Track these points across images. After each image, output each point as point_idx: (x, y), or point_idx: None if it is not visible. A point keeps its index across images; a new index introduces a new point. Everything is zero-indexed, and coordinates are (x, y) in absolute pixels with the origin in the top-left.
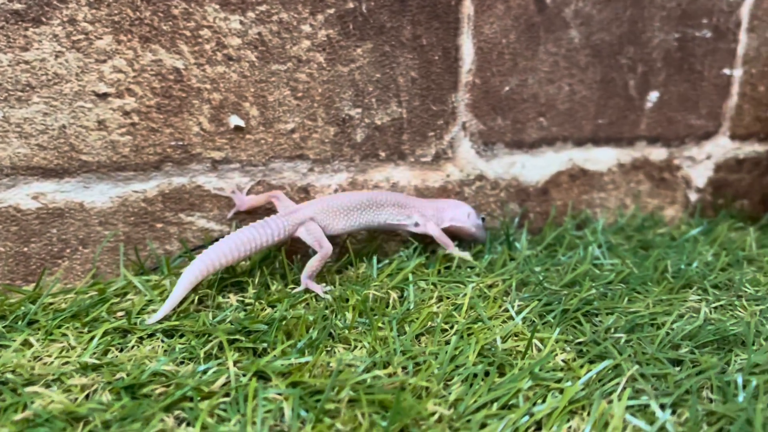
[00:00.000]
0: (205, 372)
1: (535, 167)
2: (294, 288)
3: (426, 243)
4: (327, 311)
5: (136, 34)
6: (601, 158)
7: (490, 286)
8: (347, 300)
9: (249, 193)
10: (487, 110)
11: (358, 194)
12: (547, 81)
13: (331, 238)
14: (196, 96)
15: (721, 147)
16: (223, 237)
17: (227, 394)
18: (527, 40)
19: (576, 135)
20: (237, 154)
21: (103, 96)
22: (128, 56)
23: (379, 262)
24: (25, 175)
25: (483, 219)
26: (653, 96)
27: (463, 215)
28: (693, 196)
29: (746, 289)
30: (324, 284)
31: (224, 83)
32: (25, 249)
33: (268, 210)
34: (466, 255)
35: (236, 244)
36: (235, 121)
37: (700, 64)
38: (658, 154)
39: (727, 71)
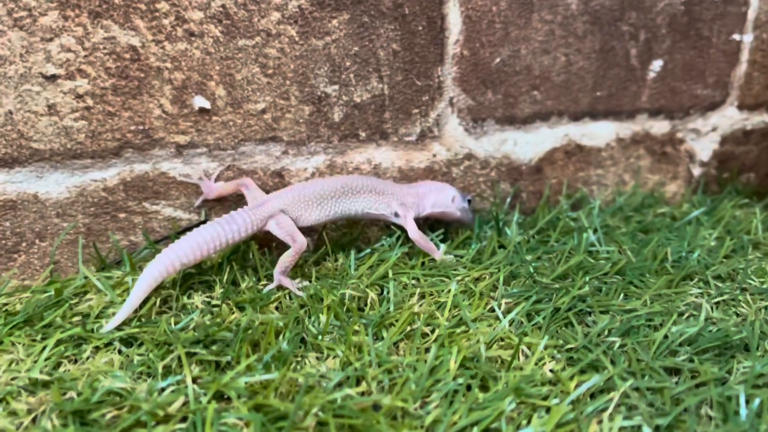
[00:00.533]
0: (162, 390)
1: (528, 144)
2: (266, 284)
3: None
4: (301, 312)
5: (85, 9)
6: (599, 133)
7: (477, 280)
8: (322, 299)
9: (218, 178)
10: (476, 84)
11: (331, 181)
12: (542, 51)
13: (309, 228)
14: (156, 76)
15: (728, 118)
16: (191, 226)
17: (185, 418)
18: (520, 7)
19: (572, 109)
20: (203, 137)
21: (52, 78)
22: (77, 33)
23: (359, 250)
24: None
25: (469, 201)
26: (656, 65)
27: (446, 199)
28: (696, 171)
29: (751, 281)
30: (299, 279)
31: (186, 61)
32: None
33: (239, 197)
34: (450, 258)
35: (198, 243)
36: (199, 102)
37: (708, 30)
38: (660, 127)
39: (736, 36)
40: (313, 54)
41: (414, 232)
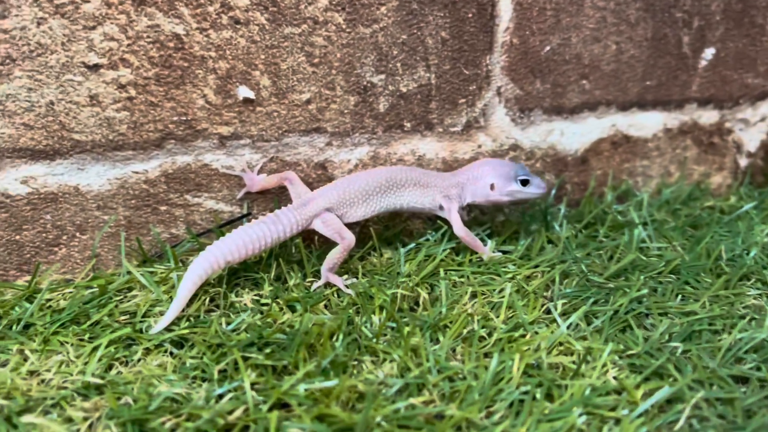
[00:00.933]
0: (221, 397)
1: (575, 134)
2: (314, 281)
3: None
4: (351, 311)
5: None
6: (646, 123)
7: (528, 278)
8: (371, 297)
9: (261, 170)
10: (524, 73)
11: (375, 174)
12: (593, 39)
13: (352, 222)
14: (199, 65)
15: None
16: (232, 219)
17: (246, 427)
18: None
19: (621, 98)
20: (247, 128)
21: (95, 67)
22: (121, 22)
23: (403, 244)
24: (12, 157)
25: (524, 181)
26: (709, 53)
27: (484, 189)
28: (743, 162)
29: None
30: (346, 276)
31: (231, 50)
32: (18, 237)
33: (282, 189)
34: (498, 255)
35: (244, 242)
36: (243, 92)
37: (762, 17)
38: (708, 117)
39: None
40: (360, 42)
41: (459, 229)
